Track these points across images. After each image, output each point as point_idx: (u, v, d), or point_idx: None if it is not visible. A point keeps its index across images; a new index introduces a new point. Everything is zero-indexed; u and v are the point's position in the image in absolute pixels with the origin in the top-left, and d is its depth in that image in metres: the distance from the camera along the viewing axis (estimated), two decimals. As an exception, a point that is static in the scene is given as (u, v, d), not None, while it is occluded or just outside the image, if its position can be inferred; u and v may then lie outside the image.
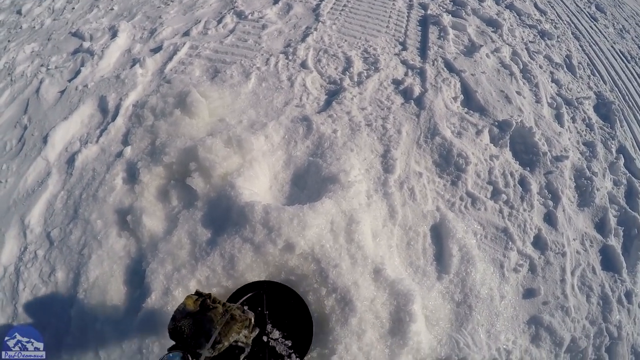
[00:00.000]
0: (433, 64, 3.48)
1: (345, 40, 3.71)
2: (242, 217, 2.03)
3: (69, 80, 3.73)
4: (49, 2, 5.72)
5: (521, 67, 3.69)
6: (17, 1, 6.41)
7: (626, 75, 4.11)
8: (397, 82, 3.23)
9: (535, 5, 5.12)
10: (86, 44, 4.16)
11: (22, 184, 2.90)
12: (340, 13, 4.17)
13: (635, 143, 3.26)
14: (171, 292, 1.92)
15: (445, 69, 3.45)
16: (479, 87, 3.25)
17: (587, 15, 5.28)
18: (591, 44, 4.56)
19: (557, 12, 5.15)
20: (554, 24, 4.75)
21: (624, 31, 5.06)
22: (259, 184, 2.36)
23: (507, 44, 4.00)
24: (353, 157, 2.47)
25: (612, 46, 4.59)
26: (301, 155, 2.54)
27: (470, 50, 3.75)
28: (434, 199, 2.44)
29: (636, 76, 4.14)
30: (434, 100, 3.03)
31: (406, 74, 3.34)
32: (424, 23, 4.13)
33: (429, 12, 4.28)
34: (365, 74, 3.26)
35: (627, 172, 2.96)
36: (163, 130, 2.74)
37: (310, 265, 1.93)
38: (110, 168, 2.72)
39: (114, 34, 4.22)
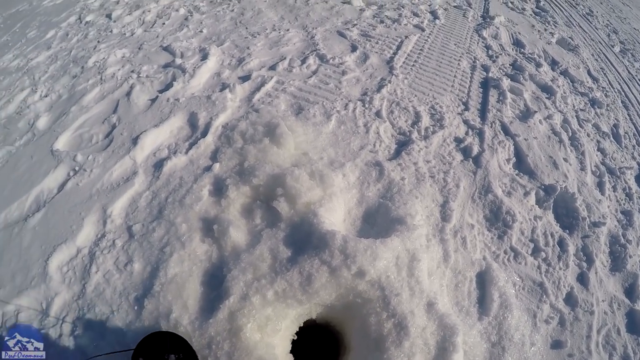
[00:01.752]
0: (491, 126, 3.72)
1: (415, 95, 3.99)
2: (323, 242, 2.23)
3: (160, 91, 4.00)
4: (139, 13, 6.23)
5: (570, 134, 3.86)
6: (106, 5, 6.99)
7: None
8: (458, 140, 3.49)
9: (589, 72, 5.24)
10: (178, 60, 4.49)
11: (107, 177, 3.03)
12: (411, 68, 4.47)
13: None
14: (249, 297, 2.04)
15: (501, 131, 3.69)
16: (530, 152, 3.48)
17: (638, 83, 5.33)
18: (640, 113, 4.64)
19: (608, 80, 5.23)
20: (604, 92, 4.85)
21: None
22: (335, 216, 2.61)
23: (559, 111, 4.18)
24: (417, 204, 2.75)
25: (660, 118, 4.63)
26: (372, 196, 2.82)
27: (525, 115, 3.97)
28: (482, 250, 2.68)
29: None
30: (490, 161, 3.29)
31: (467, 133, 3.59)
32: (485, 85, 4.37)
33: (490, 74, 4.52)
34: (432, 130, 3.53)
35: (660, 243, 3.04)
36: (252, 155, 2.97)
37: (376, 291, 2.14)
38: (199, 179, 2.87)
39: (204, 55, 4.56)
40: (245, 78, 4.14)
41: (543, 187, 3.20)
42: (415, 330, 2.05)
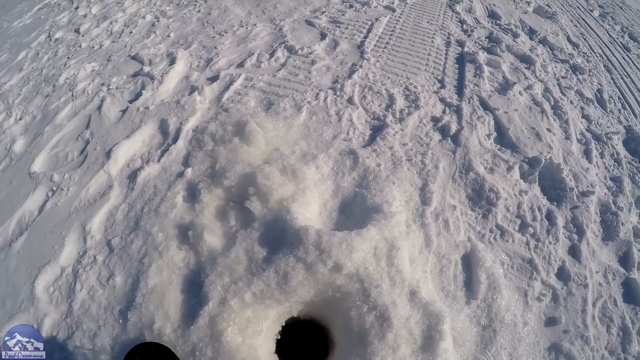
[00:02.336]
0: (469, 102, 3.60)
1: (388, 78, 3.88)
2: (297, 239, 2.19)
3: (130, 101, 3.94)
4: (106, 24, 6.13)
5: (552, 103, 3.76)
6: (74, 20, 6.90)
7: (658, 108, 4.06)
8: (435, 120, 3.38)
9: (568, 39, 5.14)
10: (146, 68, 4.41)
11: (84, 194, 3.02)
12: (383, 50, 4.34)
13: (665, 177, 3.25)
14: (228, 301, 2.03)
15: (480, 106, 3.58)
16: (512, 125, 3.36)
17: (620, 46, 5.25)
18: (623, 76, 4.54)
19: (589, 45, 5.14)
20: (586, 57, 4.75)
21: (658, 61, 4.95)
22: (310, 210, 2.55)
23: (540, 80, 4.07)
24: (395, 190, 2.65)
25: (644, 78, 4.53)
26: (348, 186, 2.72)
27: (504, 87, 3.86)
28: (466, 230, 2.58)
29: (669, 109, 4.09)
30: (469, 138, 3.17)
31: (444, 112, 3.48)
32: (461, 60, 4.26)
33: (465, 49, 4.40)
34: (407, 111, 3.42)
35: (654, 205, 2.94)
36: (223, 156, 2.93)
37: (355, 284, 2.09)
38: (172, 186, 2.85)
39: (172, 60, 4.47)
40: (213, 78, 4.06)
41: (527, 160, 3.09)
42: (399, 321, 2.00)
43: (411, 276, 2.21)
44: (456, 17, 5.28)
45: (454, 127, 3.28)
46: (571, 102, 3.88)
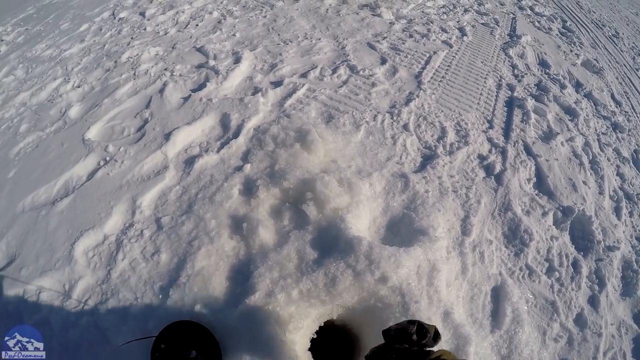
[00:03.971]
0: (514, 145, 3.73)
1: (442, 111, 4.03)
2: (349, 247, 2.30)
3: (193, 91, 4.05)
4: (172, 13, 6.29)
5: (591, 158, 3.85)
6: (140, 3, 7.02)
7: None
8: (482, 157, 3.52)
9: (612, 96, 5.16)
10: (211, 62, 4.55)
11: (138, 169, 3.06)
12: (439, 84, 4.49)
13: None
14: (274, 294, 2.11)
15: (524, 151, 3.70)
16: (551, 173, 3.49)
17: None
18: (661, 139, 4.55)
19: (632, 104, 5.15)
20: (627, 116, 4.78)
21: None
22: (361, 223, 2.68)
23: (581, 133, 4.15)
24: (440, 217, 2.81)
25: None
26: (397, 206, 2.89)
27: (548, 136, 3.97)
28: (499, 265, 2.72)
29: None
30: (511, 179, 3.31)
31: (490, 151, 3.62)
32: (510, 104, 4.38)
33: (515, 94, 4.52)
34: (456, 146, 3.57)
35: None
36: (283, 158, 3.04)
37: (397, 297, 2.20)
38: (229, 178, 2.92)
39: (237, 59, 4.62)
40: (277, 84, 4.20)
41: (561, 208, 3.21)
42: (431, 337, 2.13)
43: (447, 298, 2.33)
44: (509, 61, 5.39)
45: (498, 167, 3.42)
46: (608, 159, 3.95)
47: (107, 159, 3.20)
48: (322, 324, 2.24)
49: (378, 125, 3.67)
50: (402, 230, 2.75)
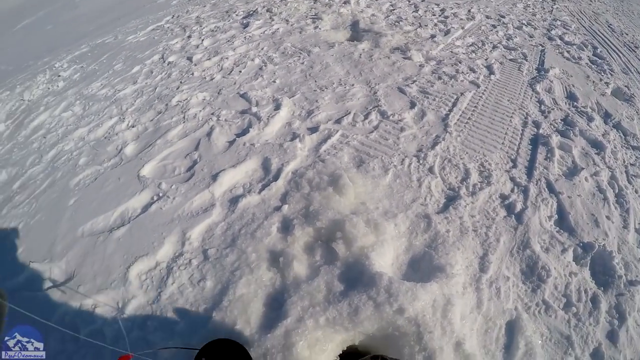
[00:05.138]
0: (536, 184, 3.79)
1: (467, 153, 4.16)
2: (372, 282, 2.54)
3: (237, 135, 4.32)
4: (217, 59, 6.68)
5: (616, 191, 3.79)
6: (187, 48, 7.40)
7: None
8: (503, 197, 3.61)
9: None
10: (254, 109, 4.83)
11: (188, 205, 3.29)
12: (465, 125, 4.65)
13: None
14: (304, 320, 2.31)
15: (546, 189, 3.75)
16: (573, 210, 3.53)
17: None
18: (692, 170, 4.37)
19: None
20: None
21: None
22: (385, 259, 2.92)
23: (608, 167, 4.11)
24: (458, 255, 2.98)
25: None
26: (419, 245, 3.09)
27: (572, 172, 4.00)
28: (515, 300, 2.80)
29: None
30: (532, 218, 3.39)
31: (512, 190, 3.70)
32: (535, 142, 4.42)
33: (540, 131, 4.57)
34: (479, 186, 3.69)
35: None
36: (317, 201, 3.32)
37: (412, 327, 2.37)
38: (269, 217, 3.15)
39: (277, 106, 4.89)
40: (313, 129, 4.47)
41: (581, 244, 3.24)
42: (442, 366, 2.30)
43: (460, 330, 2.49)
44: (535, 97, 5.43)
45: (519, 206, 3.51)
46: (636, 192, 3.86)
47: (160, 194, 3.49)
48: (345, 348, 2.46)
49: (405, 169, 3.89)
50: (422, 266, 2.96)
